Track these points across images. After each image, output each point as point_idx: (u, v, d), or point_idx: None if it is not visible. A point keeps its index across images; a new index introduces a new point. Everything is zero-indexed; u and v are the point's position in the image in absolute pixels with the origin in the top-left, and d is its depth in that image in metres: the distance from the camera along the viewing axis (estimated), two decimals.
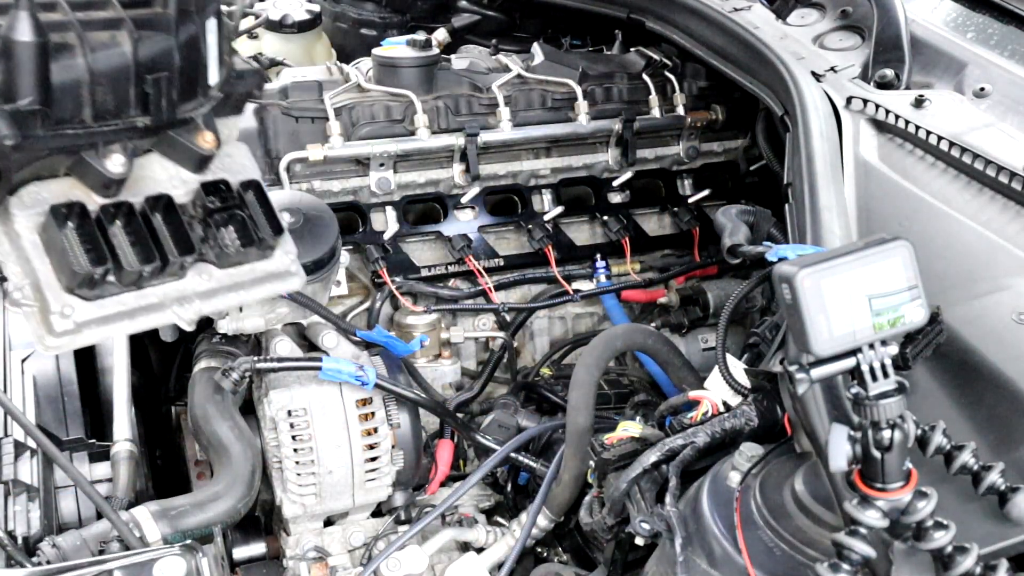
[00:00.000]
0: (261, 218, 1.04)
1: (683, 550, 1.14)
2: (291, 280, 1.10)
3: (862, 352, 0.92)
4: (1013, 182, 1.35)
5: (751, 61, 1.77)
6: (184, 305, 1.01)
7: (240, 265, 1.04)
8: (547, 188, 2.11)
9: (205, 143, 1.00)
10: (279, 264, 1.08)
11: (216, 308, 1.05)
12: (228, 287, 1.04)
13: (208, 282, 1.02)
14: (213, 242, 1.01)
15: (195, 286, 1.01)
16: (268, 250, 1.05)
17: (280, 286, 1.10)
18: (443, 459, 1.86)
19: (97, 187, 0.96)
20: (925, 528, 0.92)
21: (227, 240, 1.02)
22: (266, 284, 1.07)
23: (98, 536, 1.42)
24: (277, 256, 1.07)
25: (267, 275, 1.07)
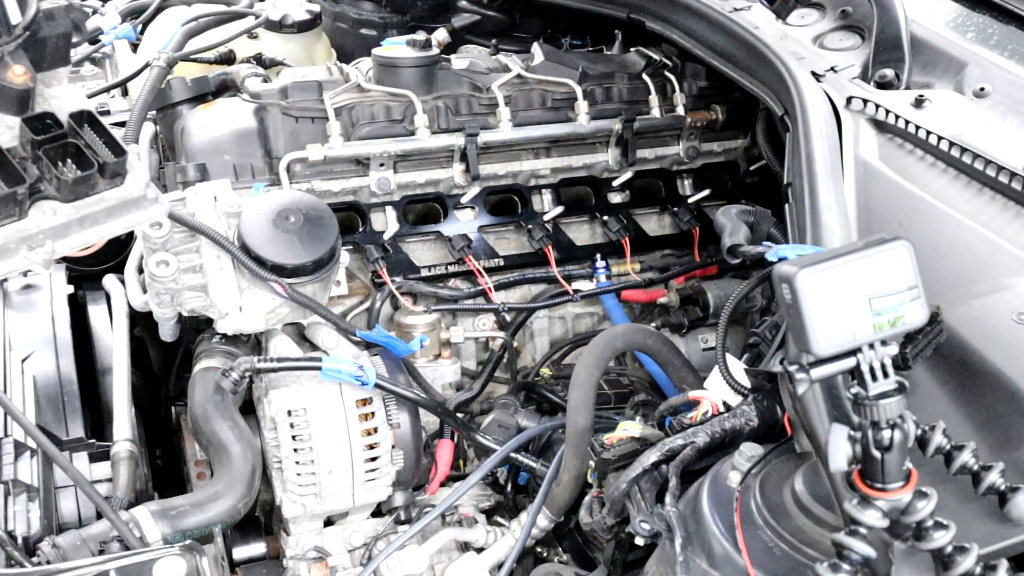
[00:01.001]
0: (100, 145, 1.01)
1: (683, 550, 1.14)
2: (149, 206, 1.06)
3: (862, 352, 0.92)
4: (1013, 182, 1.35)
5: (751, 61, 1.77)
6: (34, 248, 0.98)
7: (87, 197, 1.01)
8: (547, 188, 2.11)
9: (16, 77, 0.97)
10: (131, 190, 1.04)
11: (72, 245, 1.02)
12: (79, 220, 1.01)
13: (54, 218, 0.99)
14: (50, 175, 0.98)
15: (40, 224, 0.98)
16: (116, 177, 1.02)
17: (140, 215, 1.06)
18: (443, 459, 1.86)
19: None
20: (925, 528, 0.91)
21: (65, 171, 0.99)
22: (123, 214, 1.04)
23: (98, 536, 1.42)
24: (128, 183, 1.04)
25: (120, 203, 1.03)
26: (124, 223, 1.04)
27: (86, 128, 1.01)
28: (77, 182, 0.98)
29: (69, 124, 1.02)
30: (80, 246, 1.02)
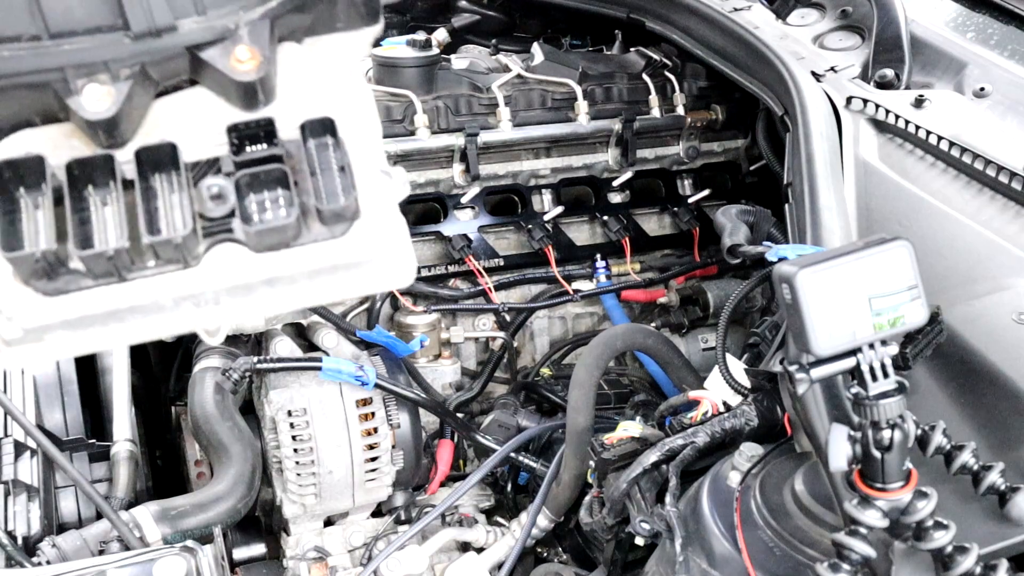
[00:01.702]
0: (326, 176, 0.69)
1: (683, 550, 1.14)
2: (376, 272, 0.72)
3: (862, 352, 0.92)
4: (1013, 182, 1.35)
5: (751, 61, 1.77)
6: (201, 306, 0.69)
7: (286, 247, 0.70)
8: (547, 188, 2.11)
9: (238, 64, 0.68)
10: (356, 248, 0.70)
11: (256, 310, 0.71)
12: (268, 280, 0.70)
13: (237, 272, 0.69)
14: (245, 213, 0.68)
15: (216, 278, 0.69)
16: (336, 224, 0.69)
17: (360, 282, 0.72)
18: (443, 459, 1.86)
19: (88, 133, 0.68)
20: (925, 528, 0.91)
21: (263, 209, 0.68)
22: (334, 277, 0.71)
23: (98, 536, 1.42)
24: (356, 235, 0.70)
25: (333, 265, 0.70)
26: (334, 288, 0.72)
27: (319, 146, 0.70)
28: (274, 230, 0.68)
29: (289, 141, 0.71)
30: (266, 313, 0.72)
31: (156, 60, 0.67)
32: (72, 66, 0.65)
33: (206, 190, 0.67)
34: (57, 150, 0.68)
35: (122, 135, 0.68)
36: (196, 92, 0.71)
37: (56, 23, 0.64)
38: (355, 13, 0.75)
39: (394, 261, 0.72)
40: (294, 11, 0.71)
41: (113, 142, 0.68)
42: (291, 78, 0.72)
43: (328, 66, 0.74)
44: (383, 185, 0.72)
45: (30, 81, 0.65)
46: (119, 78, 0.66)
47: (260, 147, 0.69)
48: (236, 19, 0.67)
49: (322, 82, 0.73)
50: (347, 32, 0.75)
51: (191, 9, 0.66)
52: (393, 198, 0.72)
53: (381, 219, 0.71)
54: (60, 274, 0.66)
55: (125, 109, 0.67)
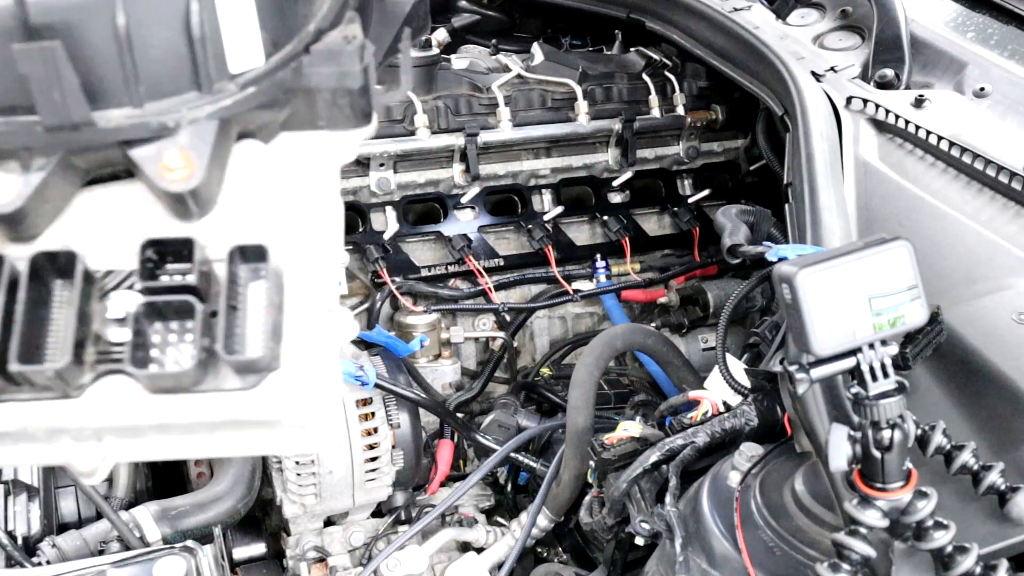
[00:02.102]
0: (244, 317, 0.58)
1: (683, 550, 1.14)
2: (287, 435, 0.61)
3: (862, 352, 0.92)
4: (1013, 182, 1.35)
5: (751, 61, 1.77)
6: (80, 441, 0.60)
7: (186, 392, 0.59)
8: (547, 188, 2.11)
9: (167, 172, 0.57)
10: (262, 405, 0.59)
11: (141, 455, 0.62)
12: (160, 426, 0.60)
13: (125, 412, 0.58)
14: (140, 349, 0.58)
15: (100, 415, 0.58)
16: (247, 373, 0.59)
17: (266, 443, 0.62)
18: (443, 459, 1.86)
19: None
20: (925, 528, 0.91)
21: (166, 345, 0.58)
22: (238, 433, 0.61)
23: (98, 536, 1.42)
24: (265, 389, 0.59)
25: (235, 420, 0.60)
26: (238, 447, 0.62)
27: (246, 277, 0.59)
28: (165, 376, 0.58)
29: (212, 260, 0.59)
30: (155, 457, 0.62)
31: (79, 150, 0.57)
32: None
33: (108, 305, 0.58)
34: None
35: (29, 230, 0.59)
36: (133, 187, 0.61)
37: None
38: (339, 114, 0.62)
39: (313, 423, 0.61)
40: (259, 108, 0.60)
41: (17, 237, 0.59)
42: (243, 186, 0.61)
43: (297, 172, 0.63)
44: (321, 329, 0.60)
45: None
46: (30, 167, 0.56)
47: (179, 268, 0.58)
48: (177, 117, 0.57)
49: (279, 190, 0.61)
50: (331, 131, 0.64)
51: (124, 99, 0.57)
52: (331, 345, 0.61)
53: (305, 373, 0.60)
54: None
55: (33, 203, 0.57)
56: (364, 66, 0.60)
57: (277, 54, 0.59)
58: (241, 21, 0.57)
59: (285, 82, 0.60)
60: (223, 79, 0.57)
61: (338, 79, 0.60)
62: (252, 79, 0.58)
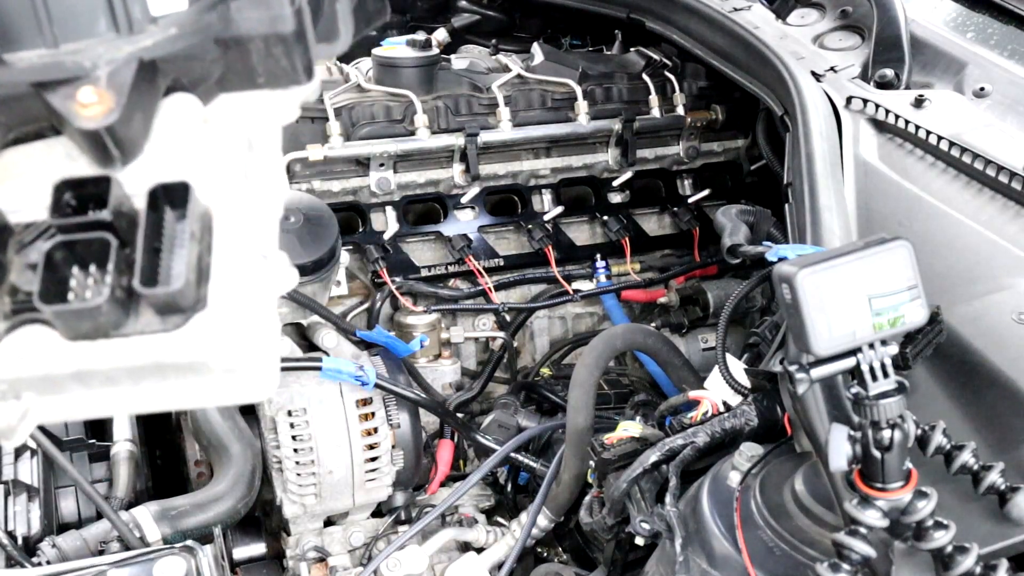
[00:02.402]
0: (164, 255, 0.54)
1: (683, 550, 1.14)
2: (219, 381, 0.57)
3: (862, 352, 0.92)
4: (1013, 182, 1.35)
5: (751, 61, 1.77)
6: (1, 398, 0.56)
7: (104, 338, 0.55)
8: (547, 188, 2.11)
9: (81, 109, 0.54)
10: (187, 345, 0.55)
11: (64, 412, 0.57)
12: (78, 375, 0.55)
13: (40, 361, 0.55)
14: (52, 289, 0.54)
15: (14, 365, 0.55)
16: (170, 314, 0.55)
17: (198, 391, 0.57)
18: (443, 459, 1.86)
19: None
20: (925, 528, 0.91)
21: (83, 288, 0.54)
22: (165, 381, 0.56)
23: (98, 536, 1.42)
24: (191, 330, 0.55)
25: (158, 364, 0.55)
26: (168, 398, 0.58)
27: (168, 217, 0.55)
28: (83, 313, 0.53)
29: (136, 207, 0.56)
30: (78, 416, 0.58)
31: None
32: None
33: (21, 256, 0.55)
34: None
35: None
36: (57, 143, 0.58)
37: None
38: (277, 67, 0.58)
39: (246, 369, 0.56)
40: (185, 58, 0.56)
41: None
42: (174, 136, 0.58)
43: (229, 124, 0.60)
44: (255, 272, 0.56)
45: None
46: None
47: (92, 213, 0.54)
48: (95, 58, 0.54)
49: (211, 142, 0.58)
50: (271, 90, 0.60)
51: (37, 40, 0.54)
52: (267, 288, 0.57)
53: (235, 313, 0.55)
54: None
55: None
56: (296, 8, 0.57)
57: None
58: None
59: (212, 27, 0.56)
60: (143, 20, 0.55)
61: (269, 23, 0.57)
62: (174, 21, 0.56)
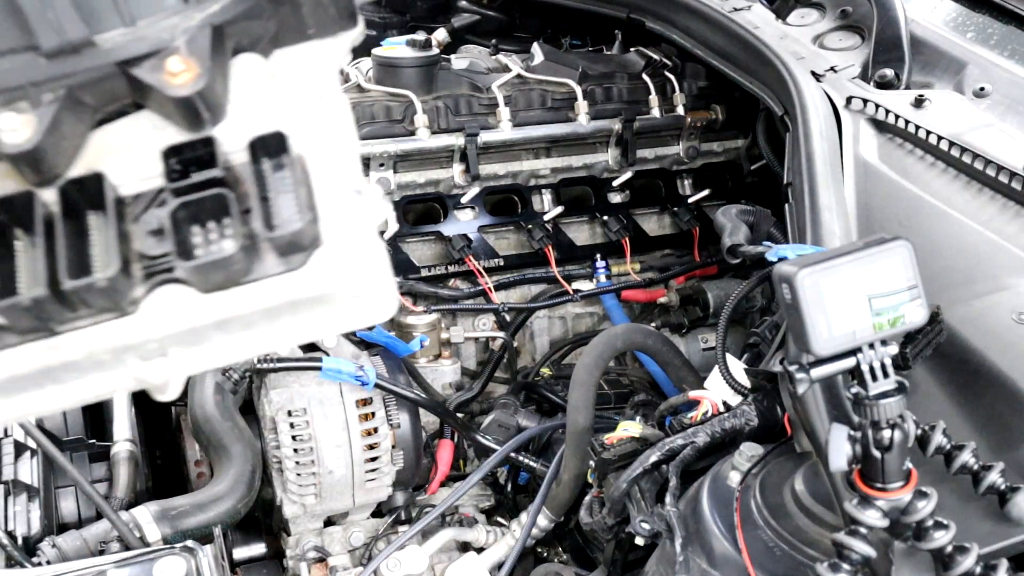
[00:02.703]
0: (277, 200, 0.59)
1: (683, 550, 1.14)
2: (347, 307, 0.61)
3: (862, 352, 0.92)
4: (1013, 182, 1.35)
5: (751, 61, 1.77)
6: (147, 359, 0.60)
7: (235, 285, 0.60)
8: (547, 188, 2.11)
9: (171, 78, 0.58)
10: (315, 280, 0.60)
11: (208, 360, 0.61)
12: (219, 323, 0.60)
13: (182, 317, 0.59)
14: (184, 248, 0.58)
15: (159, 325, 0.59)
16: (293, 254, 0.59)
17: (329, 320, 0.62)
18: (443, 459, 1.86)
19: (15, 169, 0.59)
20: (925, 528, 0.91)
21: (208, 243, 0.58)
22: (297, 316, 0.61)
23: (98, 536, 1.42)
24: (314, 265, 0.60)
25: (292, 301, 0.60)
26: (302, 331, 0.62)
27: (270, 166, 0.59)
28: (217, 264, 0.57)
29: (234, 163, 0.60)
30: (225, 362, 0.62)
31: (84, 82, 0.57)
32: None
33: (143, 225, 0.59)
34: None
35: (52, 169, 0.58)
36: (143, 116, 0.61)
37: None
38: (325, 16, 0.64)
39: (369, 293, 0.61)
40: (246, 18, 0.60)
41: (42, 177, 0.58)
42: (250, 94, 0.62)
43: (294, 77, 0.64)
44: (355, 206, 0.61)
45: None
46: (40, 104, 0.56)
47: (202, 173, 0.58)
48: (171, 29, 0.58)
49: (284, 95, 0.63)
50: (321, 39, 0.65)
51: (116, 20, 0.57)
52: (368, 220, 0.61)
53: (349, 245, 0.60)
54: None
55: (50, 140, 0.57)
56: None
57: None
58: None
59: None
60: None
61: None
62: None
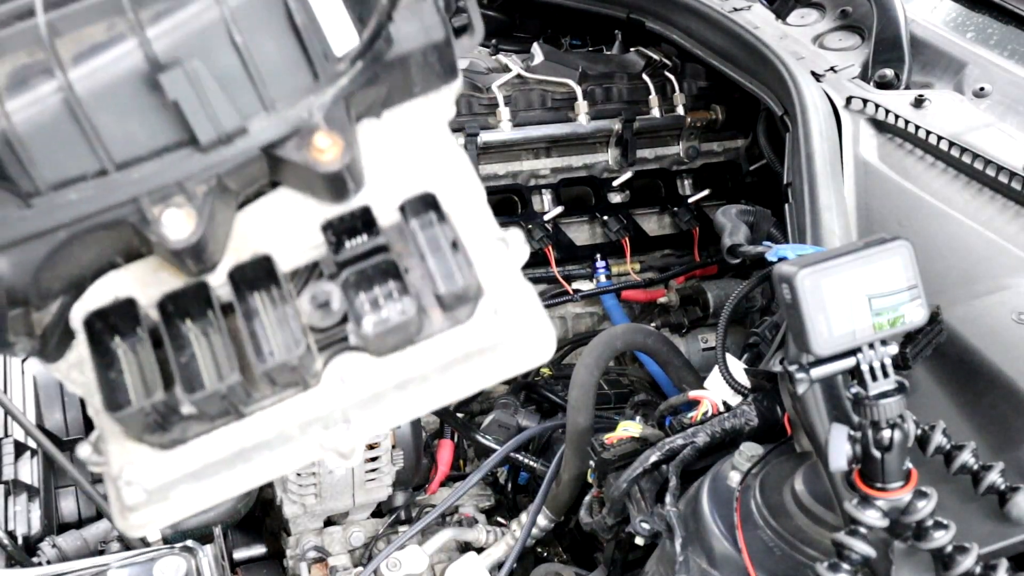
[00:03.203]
0: (438, 258, 0.61)
1: (683, 550, 1.14)
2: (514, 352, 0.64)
3: (862, 352, 0.92)
4: (1013, 182, 1.35)
5: (751, 61, 1.77)
6: (331, 427, 0.62)
7: (411, 345, 0.62)
8: (547, 188, 2.11)
9: (320, 155, 0.60)
10: (484, 330, 0.62)
11: (388, 420, 0.64)
12: (399, 384, 0.63)
13: (363, 383, 0.61)
14: (357, 315, 0.60)
15: (341, 394, 0.62)
16: (460, 307, 0.62)
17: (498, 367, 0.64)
18: (443, 459, 1.86)
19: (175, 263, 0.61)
20: (925, 528, 0.91)
21: (377, 307, 0.60)
22: (469, 366, 0.64)
23: (98, 536, 1.42)
24: (481, 316, 0.62)
25: (465, 354, 0.63)
26: (474, 380, 0.64)
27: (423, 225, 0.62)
28: (393, 329, 0.59)
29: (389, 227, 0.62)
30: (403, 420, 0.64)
31: (231, 169, 0.60)
32: (145, 194, 0.59)
33: (311, 299, 0.61)
34: (147, 288, 0.61)
35: (211, 258, 0.61)
36: (280, 195, 0.64)
37: (120, 153, 0.58)
38: (431, 73, 0.68)
39: (531, 336, 0.63)
40: (367, 85, 0.63)
41: (203, 267, 0.61)
42: (377, 157, 0.65)
43: (414, 136, 0.66)
44: (500, 254, 0.64)
45: (104, 220, 0.59)
46: (196, 197, 0.59)
47: (360, 240, 0.61)
48: (308, 107, 0.61)
49: (412, 155, 0.66)
50: (426, 95, 0.68)
51: (258, 106, 0.60)
52: (514, 265, 0.64)
53: (507, 292, 0.63)
54: (174, 423, 0.60)
55: (209, 230, 0.59)
56: (442, 16, 0.66)
57: (367, 29, 0.62)
58: (332, 9, 0.61)
59: (382, 52, 0.63)
60: (333, 63, 0.61)
61: (425, 34, 0.65)
62: (355, 55, 0.62)
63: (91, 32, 0.56)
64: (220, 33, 0.57)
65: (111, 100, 0.56)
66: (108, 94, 0.56)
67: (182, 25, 0.57)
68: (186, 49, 0.57)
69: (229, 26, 0.57)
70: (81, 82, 0.56)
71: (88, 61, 0.56)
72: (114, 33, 0.56)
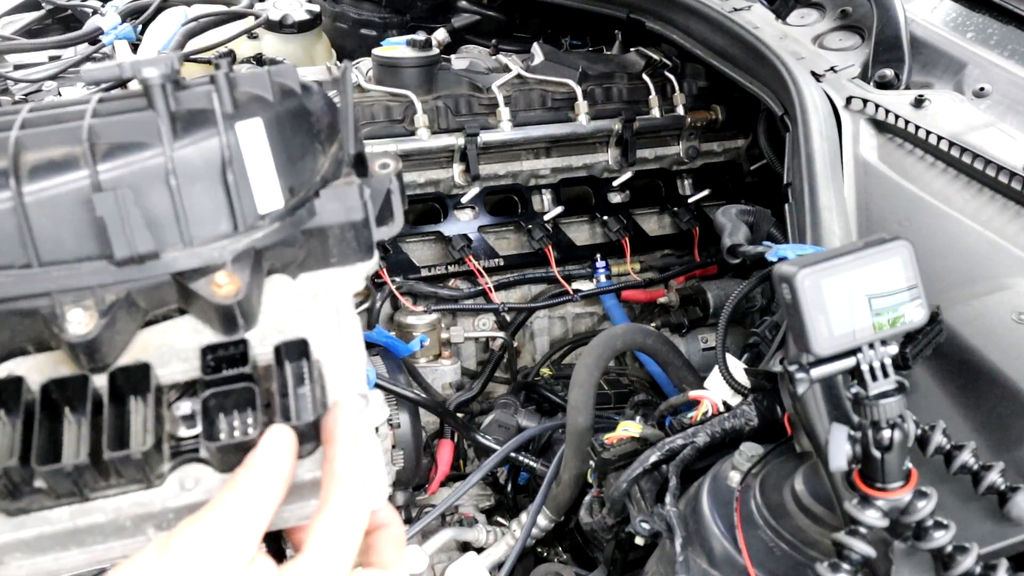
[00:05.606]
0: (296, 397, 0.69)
1: (683, 550, 1.14)
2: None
3: (862, 352, 0.92)
4: (1013, 182, 1.35)
5: (751, 61, 1.77)
6: (163, 527, 0.68)
7: None
8: (547, 188, 2.11)
9: (217, 289, 0.69)
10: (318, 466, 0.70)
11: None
12: None
13: (196, 492, 0.68)
14: (210, 432, 0.68)
15: (177, 497, 0.67)
16: (304, 443, 0.70)
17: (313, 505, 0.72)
18: (443, 459, 1.86)
19: (71, 356, 0.69)
20: (925, 528, 0.91)
21: (232, 429, 0.68)
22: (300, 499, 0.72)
23: None
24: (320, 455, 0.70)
25: (297, 484, 0.70)
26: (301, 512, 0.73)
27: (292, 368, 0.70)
28: (232, 448, 0.67)
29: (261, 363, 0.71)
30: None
31: (142, 288, 0.69)
32: (58, 291, 0.67)
33: (176, 409, 0.69)
34: (41, 374, 0.68)
35: (103, 358, 0.69)
36: (184, 320, 0.72)
37: (48, 253, 0.67)
38: (347, 248, 0.76)
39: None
40: (283, 245, 0.73)
41: (95, 365, 0.69)
42: (276, 307, 0.74)
43: (316, 296, 0.75)
44: (360, 408, 0.72)
45: (20, 307, 0.68)
46: (103, 303, 0.68)
47: (233, 369, 0.69)
48: (221, 248, 0.70)
49: (306, 310, 0.74)
50: (342, 267, 0.76)
51: (177, 239, 0.69)
52: (370, 422, 0.73)
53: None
54: (24, 494, 0.65)
55: (107, 332, 0.67)
56: (364, 201, 0.74)
57: (294, 198, 0.72)
58: (264, 174, 0.70)
59: (302, 219, 0.73)
60: (254, 219, 0.70)
61: (344, 213, 0.74)
62: (277, 216, 0.71)
63: (51, 154, 0.66)
64: (159, 175, 0.67)
65: (51, 210, 0.66)
66: (51, 205, 0.66)
67: (129, 164, 0.67)
68: (126, 181, 0.66)
69: (168, 171, 0.67)
70: (31, 193, 0.66)
71: (43, 178, 0.66)
72: (71, 158, 0.66)
